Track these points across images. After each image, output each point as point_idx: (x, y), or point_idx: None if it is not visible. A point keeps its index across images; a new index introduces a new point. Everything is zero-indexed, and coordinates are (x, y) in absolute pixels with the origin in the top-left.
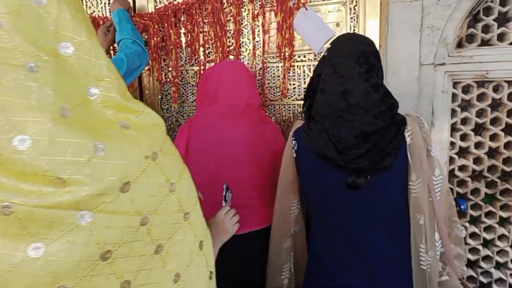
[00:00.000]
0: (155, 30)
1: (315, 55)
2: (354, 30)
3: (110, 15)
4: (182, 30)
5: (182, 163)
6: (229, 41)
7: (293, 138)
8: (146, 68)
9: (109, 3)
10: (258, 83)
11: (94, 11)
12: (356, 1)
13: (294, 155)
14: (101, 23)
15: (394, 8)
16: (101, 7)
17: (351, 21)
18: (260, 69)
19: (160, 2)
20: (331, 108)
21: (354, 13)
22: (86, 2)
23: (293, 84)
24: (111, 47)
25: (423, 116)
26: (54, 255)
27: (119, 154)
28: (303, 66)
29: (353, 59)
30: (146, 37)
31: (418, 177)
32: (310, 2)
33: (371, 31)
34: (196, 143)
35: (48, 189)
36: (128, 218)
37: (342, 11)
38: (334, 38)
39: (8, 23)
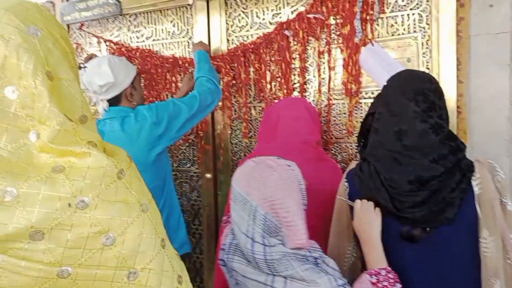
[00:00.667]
0: (226, 70)
1: None
2: (427, 65)
3: (192, 54)
4: (251, 69)
5: (136, 212)
6: (295, 78)
7: (346, 180)
8: (219, 104)
9: (188, 46)
10: (323, 120)
11: (176, 52)
12: (429, 36)
13: (347, 197)
14: (180, 62)
15: (476, 41)
16: (182, 49)
17: (424, 56)
18: (326, 106)
19: (232, 43)
20: (385, 150)
21: (427, 47)
22: (171, 45)
23: (360, 122)
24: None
25: None
26: None
27: (32, 201)
28: (371, 103)
29: (409, 96)
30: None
31: (490, 233)
32: (378, 38)
33: (447, 66)
34: None
35: None
36: (42, 268)
37: (413, 46)
38: (391, 77)
39: None
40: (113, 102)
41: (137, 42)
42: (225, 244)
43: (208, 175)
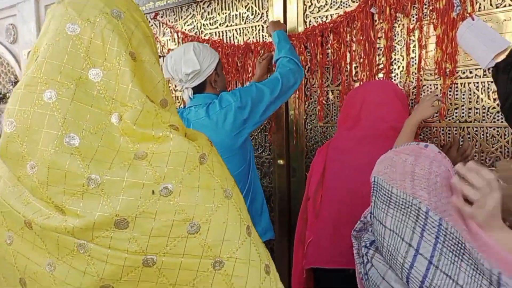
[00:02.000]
0: (300, 49)
1: (484, 71)
2: None
3: (266, 38)
4: (329, 50)
5: (220, 198)
6: (379, 59)
7: None
8: None
9: (262, 30)
10: (412, 103)
11: (249, 38)
12: None
13: None
14: (252, 47)
15: None
16: (256, 34)
17: None
18: (414, 87)
19: (310, 25)
20: None
21: None
22: (244, 30)
23: (455, 104)
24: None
25: None
26: (61, 275)
27: (116, 188)
28: (469, 83)
29: None
30: None
31: None
32: (479, 11)
33: None
34: (333, 166)
35: (53, 213)
36: (127, 256)
37: None
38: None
39: (42, 55)
40: (198, 89)
41: (210, 29)
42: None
43: (281, 161)
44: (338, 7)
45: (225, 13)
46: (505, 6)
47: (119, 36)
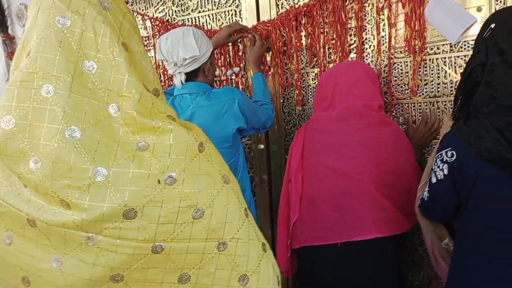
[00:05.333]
0: (277, 35)
1: (451, 46)
2: None
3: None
4: (303, 33)
5: (220, 183)
6: (351, 39)
7: (447, 148)
8: (269, 72)
9: (235, 15)
10: (384, 81)
11: (223, 23)
12: None
13: (446, 172)
14: None
15: None
16: (229, 19)
17: (497, 3)
18: (386, 66)
19: (282, 7)
20: (501, 105)
21: None
22: (217, 15)
23: (425, 80)
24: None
25: None
26: (70, 269)
27: (123, 180)
28: (436, 59)
29: None
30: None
31: None
32: None
33: None
34: (311, 146)
35: (58, 209)
36: (137, 245)
37: None
38: (496, 15)
39: (34, 49)
40: (191, 76)
41: (182, 15)
42: None
43: (261, 146)
44: None
45: None
46: None
47: (110, 27)
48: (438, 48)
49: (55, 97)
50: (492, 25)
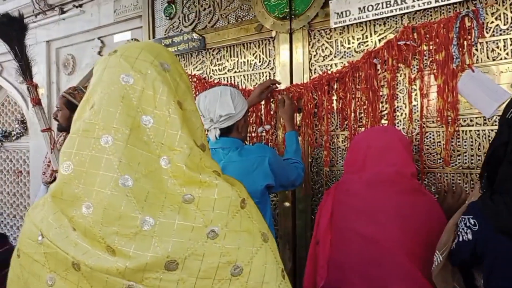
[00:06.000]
0: (308, 97)
1: (485, 119)
2: None
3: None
4: (334, 97)
5: (259, 241)
6: (382, 106)
7: (470, 216)
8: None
9: (269, 76)
10: (415, 149)
11: (257, 83)
12: None
13: (470, 236)
14: None
15: None
16: (263, 79)
17: None
18: (417, 134)
19: (315, 72)
20: None
21: None
22: (252, 76)
23: (458, 151)
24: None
25: None
26: None
27: (168, 231)
28: (470, 131)
29: None
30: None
31: None
32: (477, 62)
33: None
34: (340, 209)
35: (103, 254)
36: None
37: None
38: None
39: (98, 103)
40: (225, 131)
41: (219, 74)
42: None
43: (287, 204)
44: (342, 57)
45: (234, 60)
46: (500, 59)
47: (168, 87)
48: (471, 121)
49: (112, 147)
50: None
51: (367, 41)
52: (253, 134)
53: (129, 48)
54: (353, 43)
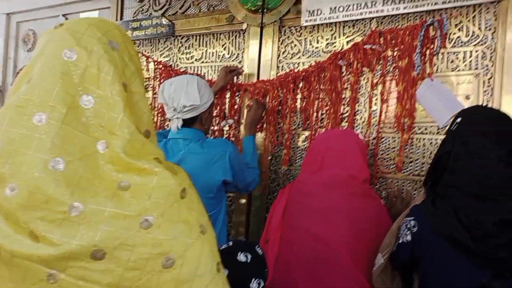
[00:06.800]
0: (274, 94)
1: (438, 129)
2: (487, 104)
3: (239, 78)
4: (299, 96)
5: (196, 233)
6: (344, 108)
7: (412, 217)
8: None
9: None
10: (370, 153)
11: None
12: (491, 74)
13: (409, 238)
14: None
15: None
16: None
17: (485, 95)
18: (374, 138)
19: (282, 69)
20: (464, 191)
21: (489, 85)
22: (219, 67)
23: (410, 158)
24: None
25: None
26: None
27: (98, 218)
28: (424, 139)
29: (491, 139)
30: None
31: None
32: (436, 72)
33: (509, 106)
34: (295, 208)
35: (25, 240)
36: None
37: (473, 83)
38: (463, 112)
39: (36, 77)
40: (187, 122)
41: (186, 63)
42: None
43: (243, 200)
44: (310, 56)
45: (202, 49)
46: (459, 70)
47: (114, 66)
48: (426, 129)
49: (46, 127)
50: (459, 120)
51: (335, 42)
52: (215, 128)
53: (77, 22)
54: (321, 43)
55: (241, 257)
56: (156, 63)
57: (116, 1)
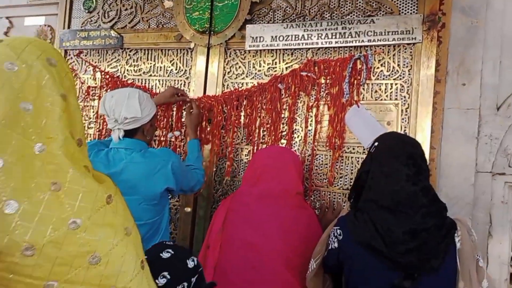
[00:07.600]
0: (218, 110)
1: (363, 149)
2: (404, 130)
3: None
4: (242, 113)
5: (121, 235)
6: (283, 127)
7: (338, 227)
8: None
9: (184, 85)
10: (306, 168)
11: None
12: (408, 104)
13: (336, 245)
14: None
15: (449, 114)
16: (178, 87)
17: (402, 122)
18: (309, 155)
19: (227, 88)
20: (379, 205)
21: (406, 114)
22: (167, 82)
23: (340, 173)
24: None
25: (479, 224)
26: None
27: (30, 217)
28: (352, 157)
29: (401, 161)
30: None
31: (465, 285)
32: (362, 100)
33: (422, 133)
34: (232, 218)
35: None
36: (30, 281)
37: (393, 111)
38: (380, 137)
39: None
40: (129, 133)
41: (134, 75)
42: None
43: (188, 209)
44: (253, 77)
45: (151, 63)
46: (381, 99)
47: (52, 80)
48: (353, 149)
49: None
50: (376, 144)
51: (276, 67)
52: (162, 139)
53: (16, 39)
54: (263, 66)
55: (165, 254)
56: (103, 73)
57: (64, 9)
